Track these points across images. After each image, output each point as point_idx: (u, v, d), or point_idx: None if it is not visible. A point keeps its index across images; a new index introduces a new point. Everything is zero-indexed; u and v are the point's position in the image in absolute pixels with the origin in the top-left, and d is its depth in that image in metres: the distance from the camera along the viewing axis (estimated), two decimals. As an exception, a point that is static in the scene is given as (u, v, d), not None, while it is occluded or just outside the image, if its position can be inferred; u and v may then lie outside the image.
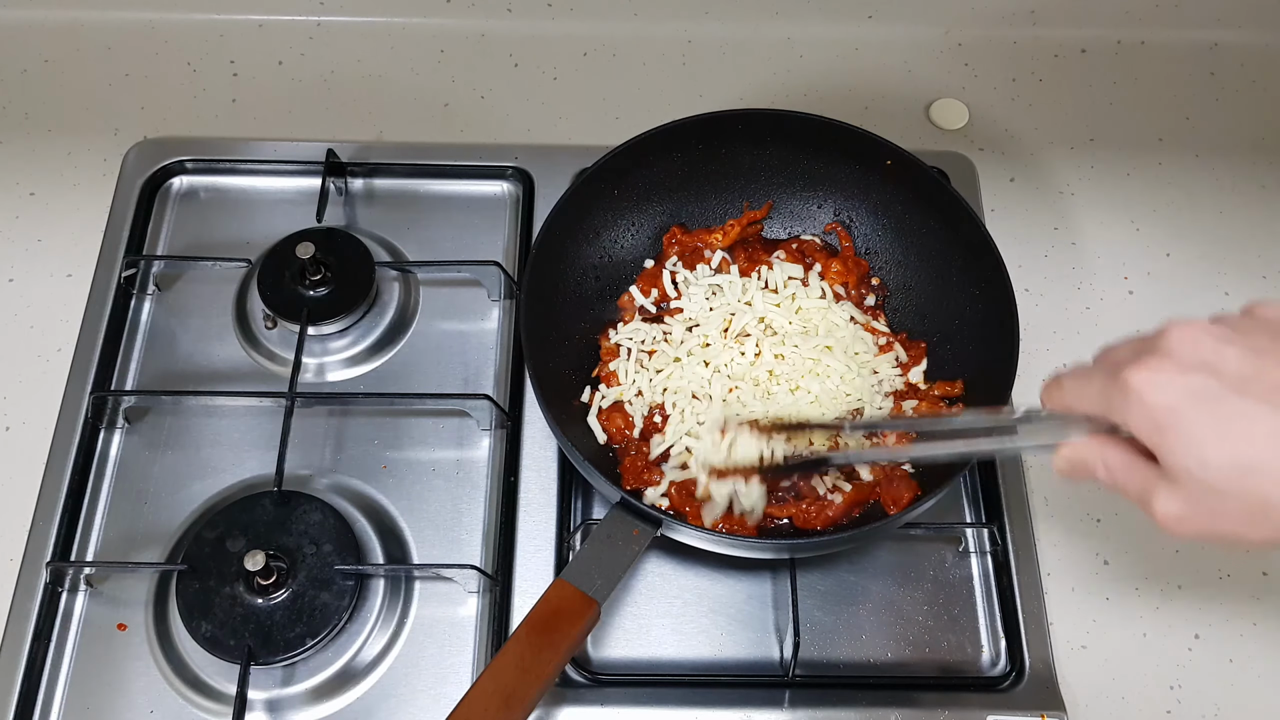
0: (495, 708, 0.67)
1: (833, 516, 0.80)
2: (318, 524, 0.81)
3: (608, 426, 0.84)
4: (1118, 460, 0.58)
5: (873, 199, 0.92)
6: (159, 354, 0.93)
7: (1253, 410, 0.53)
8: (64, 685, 0.79)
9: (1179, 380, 0.54)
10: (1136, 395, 0.55)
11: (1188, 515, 0.56)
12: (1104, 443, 0.59)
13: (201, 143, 1.03)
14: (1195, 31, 1.14)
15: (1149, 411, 0.55)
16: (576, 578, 0.72)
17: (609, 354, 0.88)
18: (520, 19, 1.13)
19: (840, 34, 1.13)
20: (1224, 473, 0.53)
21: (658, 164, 0.91)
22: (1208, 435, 0.54)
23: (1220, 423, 0.53)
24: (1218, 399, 0.54)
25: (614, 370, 0.86)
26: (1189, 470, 0.54)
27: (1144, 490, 0.57)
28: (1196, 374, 0.54)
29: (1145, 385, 0.55)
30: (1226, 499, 0.54)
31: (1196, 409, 0.54)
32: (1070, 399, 0.60)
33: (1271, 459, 0.53)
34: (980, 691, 0.80)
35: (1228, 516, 0.55)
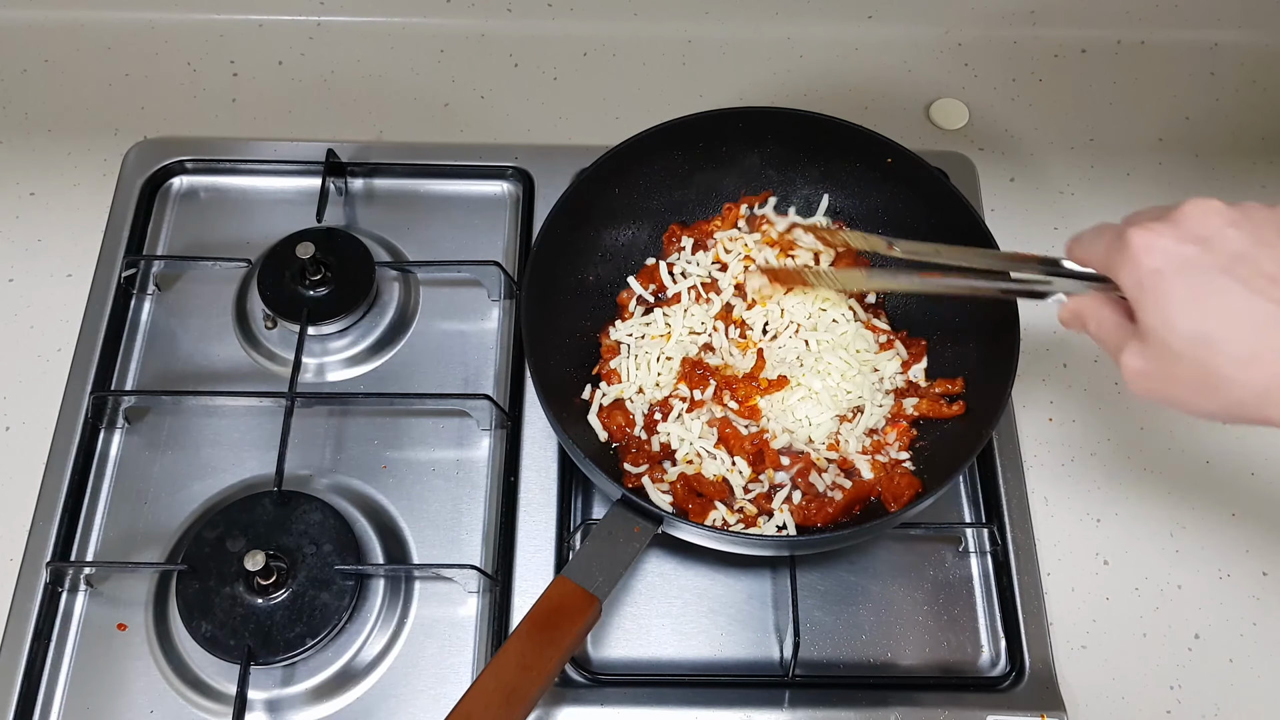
0: (496, 705, 0.67)
1: (833, 514, 0.80)
2: (318, 524, 0.81)
3: (608, 424, 0.84)
4: (1106, 316, 0.63)
5: (872, 197, 0.92)
6: (159, 354, 0.93)
7: (1229, 288, 0.56)
8: (64, 685, 0.79)
9: (1173, 248, 0.57)
10: (1131, 253, 0.58)
11: (1146, 373, 0.59)
12: (1101, 300, 0.63)
13: (201, 143, 1.03)
14: (1195, 31, 1.14)
15: (1136, 270, 0.58)
16: (578, 575, 0.72)
17: (610, 351, 0.88)
18: (520, 19, 1.13)
19: (840, 34, 1.13)
20: (1184, 339, 0.57)
21: (658, 162, 0.91)
22: (1180, 301, 0.57)
23: (1195, 292, 0.56)
24: (1202, 271, 0.56)
25: (615, 368, 0.86)
26: (1155, 330, 0.58)
27: (1118, 344, 0.61)
28: (1192, 245, 0.57)
29: (1140, 246, 0.58)
30: (1184, 364, 0.57)
31: (1179, 276, 0.57)
32: (1082, 250, 0.64)
33: (1231, 335, 0.55)
34: (980, 691, 0.80)
35: (1181, 382, 0.58)
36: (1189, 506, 0.88)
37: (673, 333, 0.87)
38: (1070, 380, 0.94)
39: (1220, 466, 0.90)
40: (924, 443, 0.85)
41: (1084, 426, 0.92)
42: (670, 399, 0.84)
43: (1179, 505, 0.88)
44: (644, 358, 0.86)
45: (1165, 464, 0.90)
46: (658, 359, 0.86)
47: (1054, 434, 0.91)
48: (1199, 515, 0.88)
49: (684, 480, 0.81)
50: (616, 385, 0.86)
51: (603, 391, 0.86)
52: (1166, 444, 0.91)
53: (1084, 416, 0.92)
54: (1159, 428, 0.92)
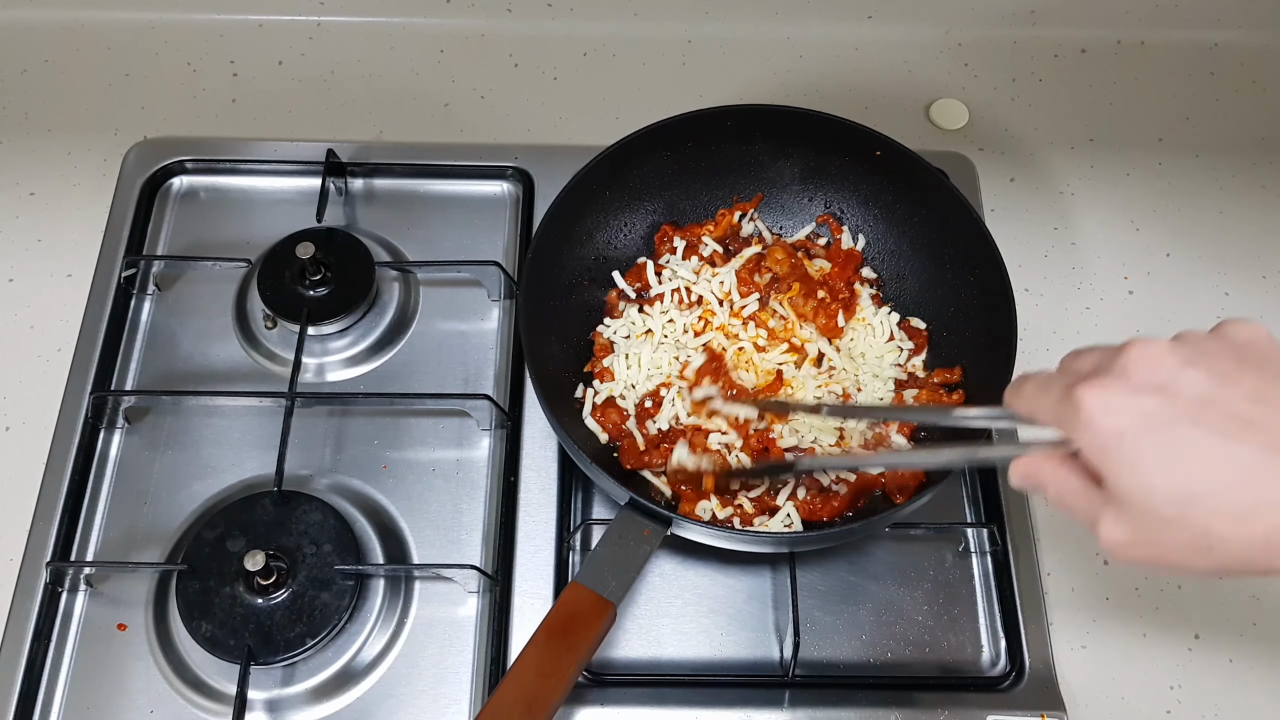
0: (518, 714, 0.67)
1: (838, 508, 0.80)
2: (318, 524, 0.81)
3: (603, 422, 0.84)
4: (1067, 481, 0.56)
5: (863, 190, 0.93)
6: (159, 354, 0.93)
7: (1203, 439, 0.51)
8: (64, 685, 0.79)
9: (1131, 402, 0.52)
10: (1086, 415, 0.53)
11: (1132, 543, 0.54)
12: (1057, 461, 0.57)
13: (201, 143, 1.03)
14: (1195, 31, 1.14)
15: (1096, 434, 0.53)
16: (591, 580, 0.72)
17: (602, 349, 0.88)
18: (520, 19, 1.13)
19: (840, 34, 1.13)
20: (1169, 501, 0.51)
21: (648, 163, 0.91)
22: (1154, 462, 0.51)
23: (1168, 450, 0.51)
24: (1169, 424, 0.51)
25: (608, 366, 0.86)
26: (1133, 496, 0.52)
27: (1090, 514, 0.55)
28: (1150, 396, 0.52)
29: (1095, 406, 0.53)
30: (1170, 528, 0.52)
31: (1145, 434, 0.52)
32: (1028, 406, 0.58)
33: (1216, 490, 0.51)
34: (980, 691, 0.80)
35: (1172, 547, 0.53)
36: (1189, 506, 0.88)
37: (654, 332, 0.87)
38: (1070, 380, 0.94)
39: (1220, 466, 0.90)
40: (925, 434, 0.85)
41: (1084, 426, 0.92)
42: (660, 388, 0.84)
43: (1179, 505, 0.88)
44: (634, 356, 0.86)
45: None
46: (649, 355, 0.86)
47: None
48: (1199, 515, 0.88)
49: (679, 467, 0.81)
50: (608, 383, 0.86)
51: (594, 390, 0.86)
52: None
53: (1084, 416, 0.92)
54: (1159, 428, 0.92)
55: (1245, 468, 0.50)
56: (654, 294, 0.89)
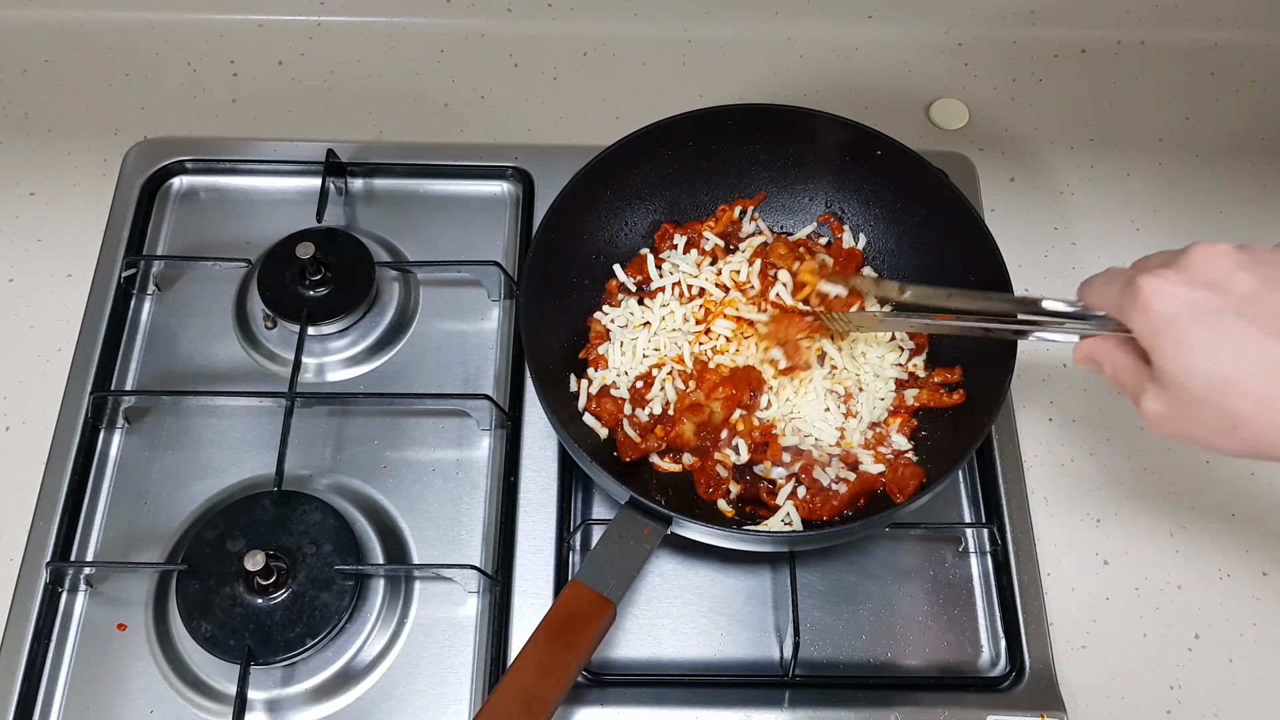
0: (518, 712, 0.67)
1: (838, 507, 0.81)
2: (318, 524, 0.81)
3: (599, 413, 0.84)
4: (1122, 360, 0.64)
5: (863, 189, 0.93)
6: (159, 354, 0.93)
7: (1244, 330, 0.57)
8: (64, 685, 0.79)
9: (1185, 293, 0.58)
10: (1143, 301, 0.59)
11: (1168, 417, 0.60)
12: (1115, 343, 0.64)
13: (201, 143, 1.03)
14: (1195, 31, 1.14)
15: (1150, 317, 0.59)
16: (591, 579, 0.72)
17: (598, 336, 0.88)
18: (520, 19, 1.13)
19: (840, 34, 1.13)
20: (1204, 382, 0.58)
21: (648, 162, 0.91)
22: (1196, 346, 0.58)
23: (1211, 336, 0.57)
24: (1216, 315, 0.57)
25: (603, 353, 0.87)
26: (1174, 375, 0.59)
27: (1136, 389, 0.62)
28: (1203, 290, 0.58)
29: (1153, 293, 0.59)
30: (1204, 407, 0.58)
31: (1193, 321, 0.58)
32: (1094, 297, 0.65)
33: (1249, 377, 0.56)
34: (980, 691, 0.80)
35: (1202, 423, 0.59)
36: (1189, 506, 0.88)
37: (652, 324, 0.87)
38: (1070, 380, 0.94)
39: (1220, 466, 0.90)
40: (926, 433, 0.85)
41: (1084, 426, 0.92)
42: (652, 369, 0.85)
43: (1179, 505, 0.88)
44: (630, 343, 0.86)
45: (1165, 464, 0.90)
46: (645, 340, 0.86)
47: (1054, 434, 0.91)
48: (1199, 515, 0.88)
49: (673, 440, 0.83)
50: (602, 371, 0.86)
51: (589, 379, 0.86)
52: (1166, 444, 0.91)
53: (1084, 416, 0.92)
54: (1159, 428, 0.92)
55: (1276, 360, 0.56)
56: (654, 287, 0.89)
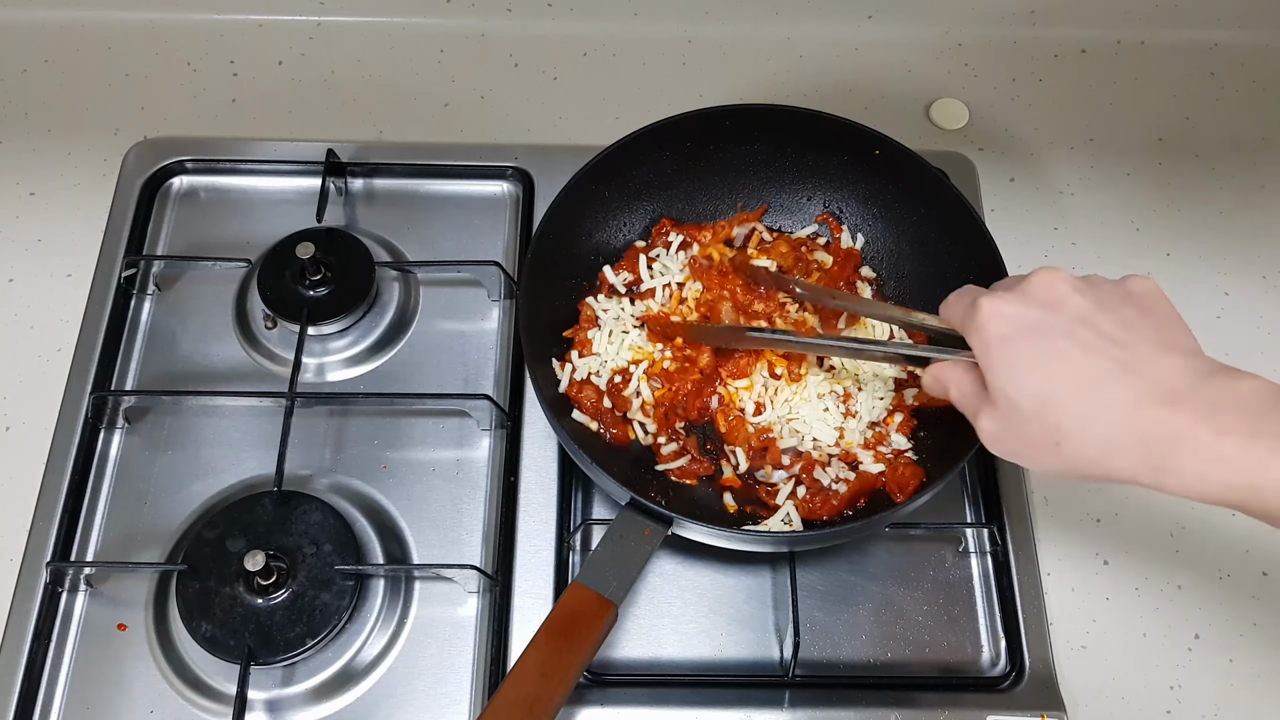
0: (520, 715, 0.67)
1: (838, 507, 0.81)
2: (318, 524, 0.81)
3: (580, 399, 0.84)
4: (966, 381, 0.65)
5: (862, 189, 0.93)
6: (159, 354, 0.93)
7: (1069, 350, 0.58)
8: (64, 685, 0.79)
9: (1019, 312, 0.60)
10: (981, 320, 0.61)
11: (1001, 435, 0.62)
12: (963, 367, 0.66)
13: (201, 143, 1.03)
14: (1195, 31, 1.14)
15: (983, 336, 0.61)
16: (592, 580, 0.72)
17: (588, 321, 0.88)
18: (520, 19, 1.13)
19: (840, 34, 1.13)
20: (1029, 400, 0.59)
21: (647, 163, 0.91)
22: (1023, 364, 0.60)
23: (1038, 356, 0.59)
24: (1045, 335, 0.59)
25: (590, 338, 0.87)
26: (1004, 392, 0.60)
27: (975, 408, 0.64)
28: (1036, 310, 0.60)
29: (989, 312, 0.61)
30: (1030, 424, 0.60)
31: (1023, 340, 0.60)
32: (948, 312, 0.67)
33: (1068, 393, 0.58)
34: (980, 691, 0.80)
35: (1030, 441, 0.60)
36: (1189, 506, 0.88)
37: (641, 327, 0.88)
38: (1070, 380, 0.94)
39: (1220, 466, 0.90)
40: (925, 433, 0.85)
41: (1084, 426, 0.92)
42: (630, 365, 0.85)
43: (1179, 505, 0.88)
44: (619, 336, 0.86)
45: (1165, 464, 0.90)
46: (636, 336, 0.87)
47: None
48: (1199, 515, 0.88)
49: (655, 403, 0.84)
50: (586, 359, 0.86)
51: (572, 365, 0.86)
52: (1166, 444, 0.91)
53: (1084, 416, 0.92)
54: (1159, 428, 0.92)
55: (1097, 377, 0.58)
56: (645, 288, 0.89)
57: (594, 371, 0.86)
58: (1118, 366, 0.58)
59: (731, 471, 0.84)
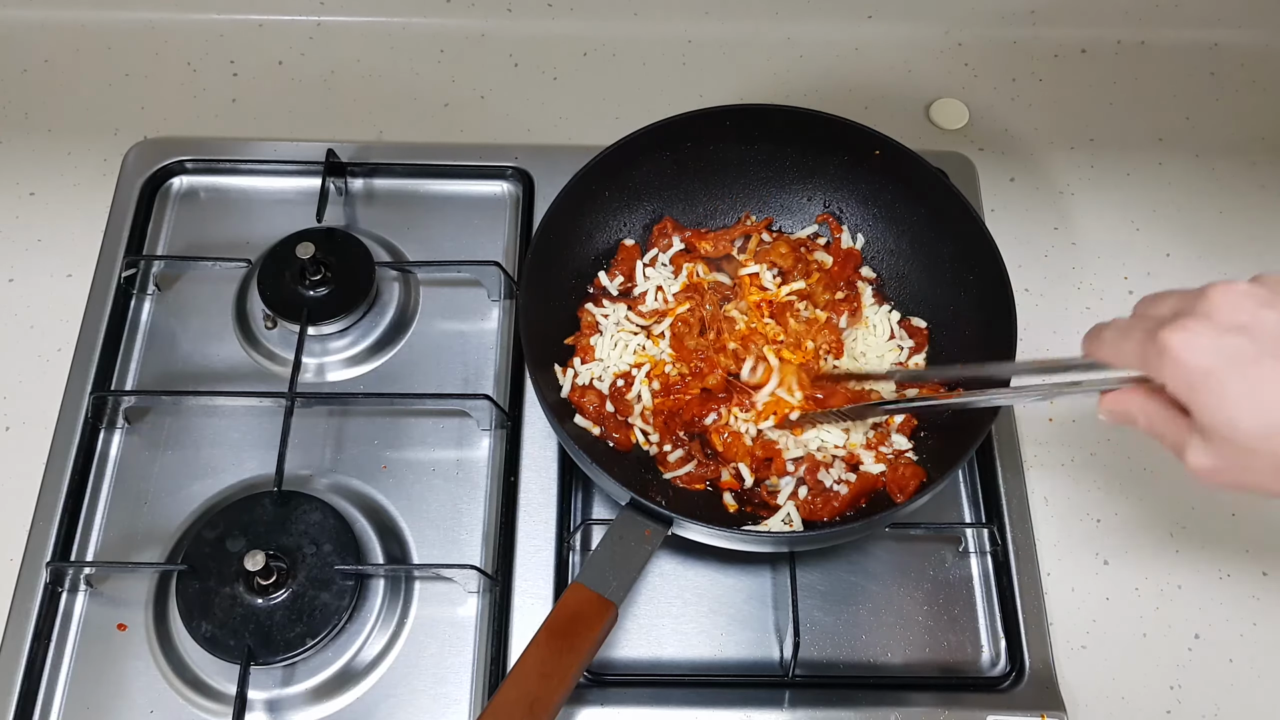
0: (520, 715, 0.67)
1: (839, 508, 0.81)
2: (318, 524, 0.81)
3: (582, 404, 0.84)
4: (1156, 412, 0.60)
5: (862, 189, 0.93)
6: (159, 354, 0.93)
7: None
8: (64, 685, 0.79)
9: (1215, 342, 0.56)
10: (1172, 356, 0.56)
11: (1218, 469, 0.58)
12: (1145, 394, 0.61)
13: (201, 143, 1.03)
14: (1195, 31, 1.14)
15: (1184, 372, 0.56)
16: (592, 581, 0.72)
17: (589, 327, 0.88)
18: (520, 19, 1.13)
19: (840, 34, 1.13)
20: (1252, 432, 0.55)
21: (647, 163, 0.91)
22: (1238, 397, 0.55)
23: (1251, 385, 0.55)
24: (1252, 361, 0.55)
25: (592, 344, 0.86)
26: (1219, 429, 0.56)
27: (1178, 442, 0.59)
28: (1232, 336, 0.56)
29: (1181, 346, 0.56)
30: (1255, 457, 0.56)
31: (1229, 371, 0.55)
32: (1108, 353, 0.62)
33: None
34: (980, 691, 0.80)
35: (1255, 472, 0.57)
36: (1189, 506, 0.88)
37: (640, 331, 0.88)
38: (1070, 380, 0.94)
39: (1220, 466, 0.90)
40: (926, 433, 0.85)
41: (1084, 426, 0.92)
42: (632, 369, 0.85)
43: (1179, 505, 0.88)
44: (620, 343, 0.86)
45: (1165, 464, 0.89)
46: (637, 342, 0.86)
47: (1054, 434, 0.91)
48: (1199, 515, 0.88)
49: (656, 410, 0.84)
50: (589, 365, 0.86)
51: (574, 371, 0.86)
52: (1166, 444, 0.91)
53: (1084, 416, 0.92)
54: (1159, 428, 0.92)
55: None
56: (638, 291, 0.89)
57: (596, 376, 0.86)
58: None
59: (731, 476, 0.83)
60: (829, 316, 0.88)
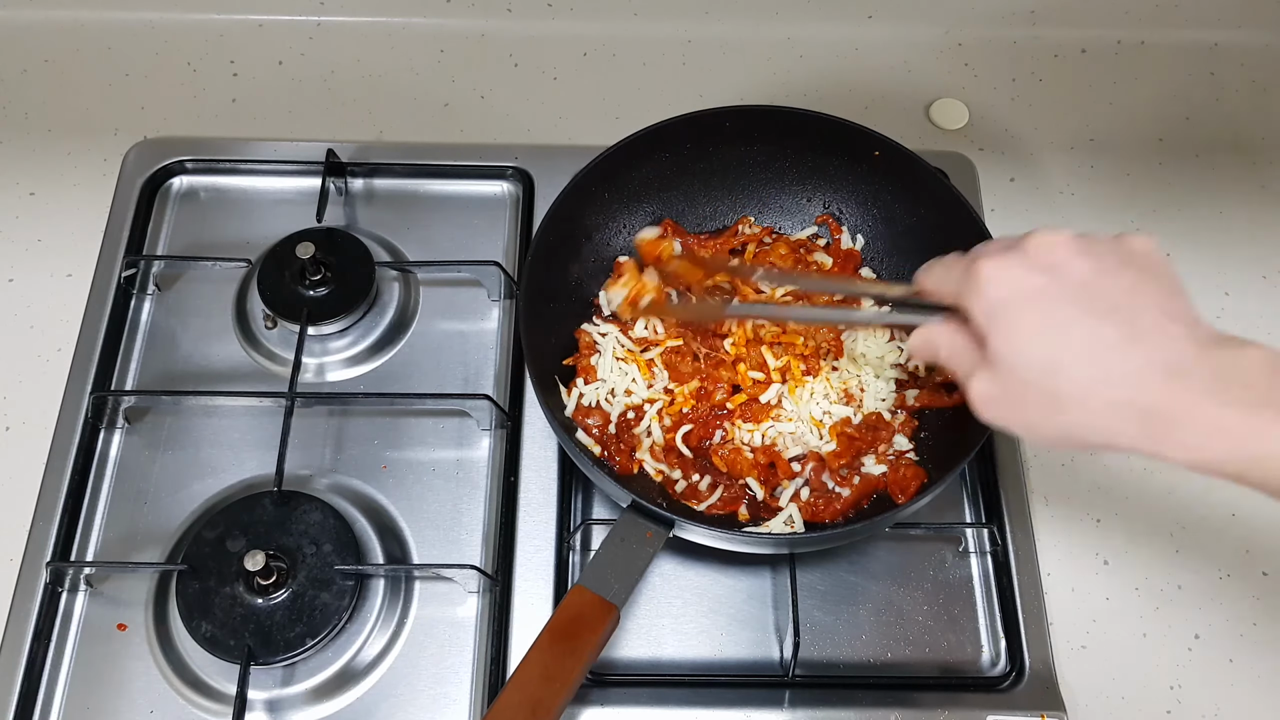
0: (523, 718, 0.67)
1: (841, 509, 0.81)
2: (318, 524, 0.81)
3: (585, 423, 0.84)
4: (957, 343, 0.64)
5: (861, 190, 0.93)
6: (159, 354, 0.93)
7: (1075, 318, 0.57)
8: (64, 685, 0.79)
9: (1021, 277, 0.59)
10: (980, 283, 0.60)
11: (995, 398, 0.61)
12: (953, 328, 0.64)
13: (201, 143, 1.03)
14: (1195, 31, 1.14)
15: (985, 300, 0.60)
16: (594, 583, 0.72)
17: (588, 347, 0.88)
18: (520, 19, 1.13)
19: (840, 34, 1.13)
20: (1032, 365, 0.58)
21: (646, 164, 0.91)
22: (1027, 330, 0.58)
23: (1042, 321, 0.58)
24: (1049, 300, 0.58)
25: (594, 365, 0.86)
26: (1004, 357, 0.59)
27: (968, 371, 0.62)
28: (1039, 274, 0.59)
29: (990, 275, 0.60)
30: (1030, 389, 0.59)
31: (1026, 305, 0.59)
32: (933, 283, 0.66)
33: (1074, 361, 0.57)
34: (980, 691, 0.80)
35: (1028, 406, 0.59)
36: (1189, 506, 0.88)
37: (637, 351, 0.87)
38: (1070, 380, 0.94)
39: (1220, 466, 0.90)
40: (926, 434, 0.85)
41: (1084, 426, 0.92)
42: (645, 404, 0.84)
43: (1179, 505, 0.88)
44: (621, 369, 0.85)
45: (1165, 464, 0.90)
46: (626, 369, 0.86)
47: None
48: (1199, 515, 0.88)
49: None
50: (593, 385, 0.85)
51: (580, 391, 0.85)
52: (1166, 444, 0.91)
53: (1084, 416, 0.92)
54: (1159, 428, 0.92)
55: (1104, 346, 0.57)
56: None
57: (604, 397, 0.85)
58: (1122, 336, 0.57)
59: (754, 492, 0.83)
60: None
